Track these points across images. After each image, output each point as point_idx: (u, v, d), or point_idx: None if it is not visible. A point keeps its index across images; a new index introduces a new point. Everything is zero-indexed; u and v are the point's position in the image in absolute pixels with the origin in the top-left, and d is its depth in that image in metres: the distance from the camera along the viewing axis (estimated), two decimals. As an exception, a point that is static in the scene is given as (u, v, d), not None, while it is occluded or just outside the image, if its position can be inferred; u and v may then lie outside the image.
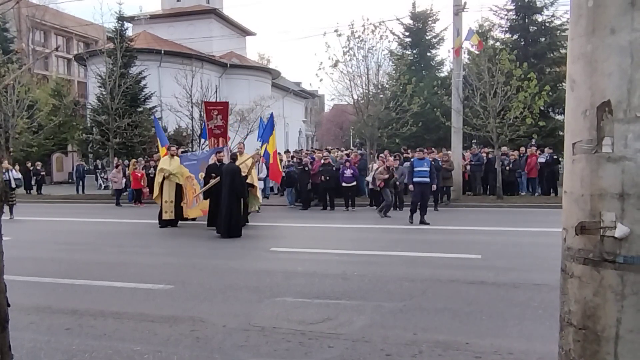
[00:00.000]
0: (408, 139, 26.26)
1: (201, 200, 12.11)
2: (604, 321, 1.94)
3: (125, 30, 28.63)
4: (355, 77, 20.14)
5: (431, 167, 12.29)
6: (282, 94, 44.99)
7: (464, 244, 9.16)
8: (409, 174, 12.44)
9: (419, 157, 12.53)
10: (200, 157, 12.51)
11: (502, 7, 28.00)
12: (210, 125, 13.22)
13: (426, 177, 11.98)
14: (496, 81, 17.06)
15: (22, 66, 25.47)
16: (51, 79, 39.11)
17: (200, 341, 4.40)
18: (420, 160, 12.27)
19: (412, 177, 12.16)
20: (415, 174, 12.04)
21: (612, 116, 1.90)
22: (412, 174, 12.13)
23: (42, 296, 6.04)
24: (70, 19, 49.87)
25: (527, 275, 6.54)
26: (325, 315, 5.03)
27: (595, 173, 1.96)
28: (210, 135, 13.32)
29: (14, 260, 6.59)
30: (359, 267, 7.35)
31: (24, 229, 11.96)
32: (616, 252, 1.91)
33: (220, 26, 39.50)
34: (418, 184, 11.98)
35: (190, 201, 12.30)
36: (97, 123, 25.20)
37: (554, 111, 26.23)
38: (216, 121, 13.13)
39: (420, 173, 12.01)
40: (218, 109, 13.45)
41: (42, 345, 4.34)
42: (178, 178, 12.12)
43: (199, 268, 7.70)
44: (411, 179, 12.20)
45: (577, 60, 2.05)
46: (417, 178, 12.01)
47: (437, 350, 4.09)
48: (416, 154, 13.35)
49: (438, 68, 33.65)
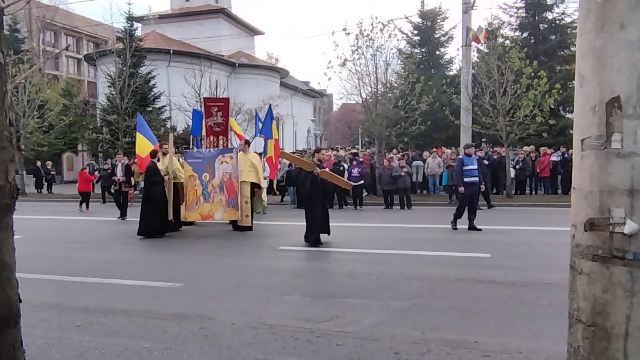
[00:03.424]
0: (417, 138, 26.18)
1: (202, 203, 11.12)
2: (613, 318, 1.93)
3: (134, 30, 28.86)
4: (364, 75, 20.09)
5: (480, 164, 10.89)
6: (291, 93, 45.08)
7: (472, 243, 9.12)
8: (458, 174, 10.83)
9: (468, 153, 10.97)
10: (207, 155, 11.32)
11: (511, 5, 27.83)
12: (210, 122, 12.32)
13: (476, 177, 10.61)
14: (506, 79, 16.95)
15: (33, 66, 25.68)
16: (61, 79, 39.41)
17: (209, 339, 4.42)
18: (470, 157, 10.84)
19: (461, 177, 10.62)
20: (466, 173, 10.56)
21: (622, 112, 1.89)
22: (462, 174, 10.61)
23: (52, 293, 6.09)
24: (80, 19, 50.22)
25: (536, 275, 6.50)
26: (334, 314, 5.03)
27: (605, 169, 1.95)
28: (210, 133, 12.37)
29: (25, 258, 6.66)
30: (367, 265, 7.34)
31: (34, 227, 12.06)
32: (625, 249, 1.90)
33: (229, 25, 39.67)
34: (469, 184, 10.53)
35: (190, 203, 11.20)
36: (107, 122, 25.40)
37: (564, 109, 26.00)
38: (216, 118, 12.28)
39: (471, 172, 10.58)
40: (218, 105, 12.59)
41: (53, 342, 4.39)
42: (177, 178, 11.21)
43: (207, 266, 7.75)
44: (460, 179, 10.64)
45: (586, 56, 2.03)
46: (467, 178, 10.53)
47: (445, 349, 4.08)
48: (465, 150, 11.61)
49: (447, 66, 33.48)
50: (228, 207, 11.02)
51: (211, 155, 11.28)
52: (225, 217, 11.26)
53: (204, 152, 11.53)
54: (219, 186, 11.10)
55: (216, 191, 11.09)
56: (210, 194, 11.12)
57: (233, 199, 11.01)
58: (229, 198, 11.03)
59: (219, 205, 11.07)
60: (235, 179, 11.03)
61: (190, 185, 11.22)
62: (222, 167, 11.14)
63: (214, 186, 11.12)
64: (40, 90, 24.58)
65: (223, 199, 11.04)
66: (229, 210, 11.04)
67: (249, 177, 11.21)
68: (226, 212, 11.07)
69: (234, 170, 11.07)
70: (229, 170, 11.09)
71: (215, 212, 11.11)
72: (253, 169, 11.32)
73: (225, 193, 11.06)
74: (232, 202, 11.01)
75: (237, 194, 10.97)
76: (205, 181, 11.15)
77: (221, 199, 11.05)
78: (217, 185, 11.10)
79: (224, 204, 11.04)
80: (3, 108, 2.28)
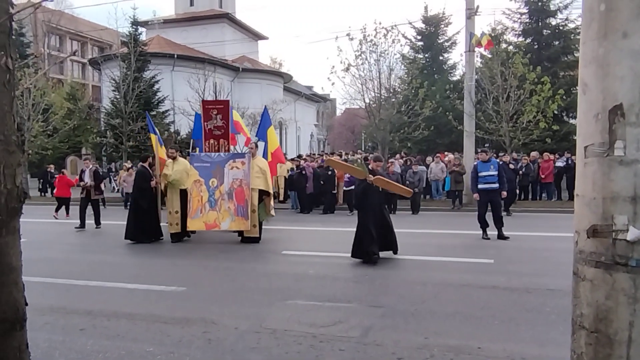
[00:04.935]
0: (420, 143, 26.19)
1: (207, 211, 10.20)
2: (616, 324, 1.94)
3: (139, 34, 29.03)
4: (367, 80, 20.19)
5: (499, 169, 10.34)
6: (294, 98, 45.19)
7: (476, 249, 9.11)
8: (472, 180, 10.64)
9: (483, 159, 10.49)
10: (216, 159, 10.49)
11: (515, 11, 27.85)
12: (209, 125, 11.75)
13: (493, 183, 10.14)
14: (509, 85, 16.98)
15: (38, 70, 25.84)
16: (66, 83, 39.66)
17: (212, 343, 4.43)
18: (485, 163, 10.33)
19: (476, 184, 10.37)
20: (480, 180, 10.24)
21: (624, 119, 1.90)
22: (476, 180, 10.34)
23: (56, 297, 6.12)
24: (85, 23, 50.53)
25: (540, 280, 6.49)
26: (337, 318, 5.03)
27: (607, 176, 1.96)
28: (209, 136, 11.77)
29: (29, 261, 6.67)
30: (370, 270, 7.34)
31: (38, 230, 12.10)
32: (628, 256, 1.91)
33: (233, 30, 39.86)
34: (483, 191, 10.19)
35: (194, 210, 10.23)
36: (111, 126, 25.53)
37: (567, 115, 26.00)
38: (216, 121, 11.69)
39: (485, 179, 10.19)
40: (218, 108, 11.98)
41: (57, 345, 4.41)
42: (181, 184, 10.51)
43: (210, 270, 7.77)
44: (475, 186, 10.40)
45: (589, 63, 2.05)
46: (482, 185, 10.21)
47: (448, 355, 4.07)
48: (479, 155, 11.13)
49: (450, 72, 33.53)
50: (237, 216, 10.16)
51: (221, 160, 10.49)
52: (233, 227, 10.34)
53: (212, 156, 10.69)
54: (228, 193, 10.24)
55: (224, 198, 10.21)
56: (217, 201, 10.23)
57: (243, 208, 10.15)
58: (238, 206, 10.18)
59: (227, 214, 10.17)
60: (247, 186, 10.21)
61: (195, 191, 10.33)
62: (232, 173, 10.35)
63: (222, 193, 10.25)
64: (45, 94, 24.72)
65: (232, 207, 10.17)
66: (238, 220, 10.15)
67: (256, 184, 10.35)
68: (234, 222, 10.18)
69: (245, 177, 10.26)
70: (240, 177, 10.29)
71: (222, 221, 10.20)
72: (261, 175, 10.44)
73: (235, 201, 10.20)
74: (242, 211, 10.15)
75: (247, 202, 10.14)
76: (213, 187, 10.29)
77: (229, 207, 10.18)
78: (226, 192, 10.24)
79: (233, 213, 10.17)
80: (11, 113, 2.31)
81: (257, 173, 10.33)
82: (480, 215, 10.23)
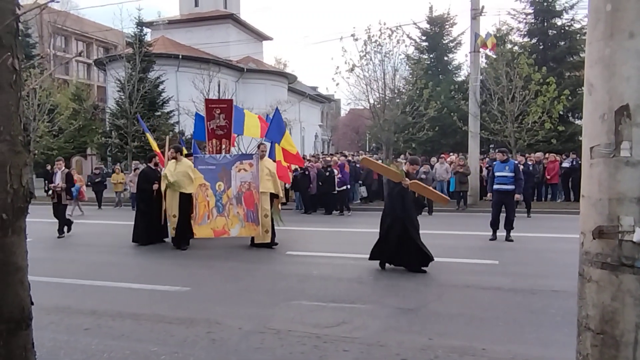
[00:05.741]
0: (424, 144, 26.16)
1: (214, 217, 9.58)
2: (622, 326, 1.93)
3: (144, 35, 29.12)
4: (372, 81, 20.18)
5: (516, 171, 10.11)
6: (299, 99, 45.19)
7: (480, 250, 9.09)
8: (490, 180, 10.62)
9: (501, 159, 10.29)
10: (222, 161, 9.81)
11: (520, 11, 27.81)
12: (212, 125, 11.35)
13: (508, 185, 9.98)
14: (514, 85, 16.94)
15: (44, 71, 25.97)
16: (71, 83, 39.80)
17: (216, 343, 4.44)
18: (502, 163, 10.16)
19: (492, 184, 10.32)
20: (496, 180, 10.14)
21: (631, 120, 1.89)
22: (493, 180, 10.28)
23: (61, 296, 6.14)
24: (91, 24, 50.69)
25: (544, 282, 6.47)
26: (341, 319, 5.03)
27: (614, 177, 1.95)
28: (212, 136, 11.39)
29: (34, 261, 6.69)
30: (374, 271, 7.34)
31: (44, 230, 12.15)
32: (635, 257, 1.90)
33: (238, 31, 39.91)
34: (497, 192, 10.08)
35: (200, 216, 9.60)
36: (116, 127, 25.64)
37: (573, 116, 25.91)
38: (219, 121, 11.34)
39: (499, 179, 10.06)
40: (221, 107, 11.61)
41: (62, 345, 4.42)
42: (181, 187, 9.69)
43: (215, 270, 7.78)
44: (491, 186, 10.38)
45: (595, 64, 2.04)
46: (496, 185, 10.12)
47: (453, 356, 4.07)
48: (497, 155, 10.94)
49: (455, 72, 33.50)
50: (247, 221, 9.57)
51: (227, 162, 9.80)
52: (243, 234, 9.72)
53: (218, 158, 9.99)
54: (236, 197, 9.60)
55: (232, 203, 9.58)
56: (225, 206, 9.60)
57: (253, 213, 9.57)
58: (247, 211, 9.58)
59: (236, 220, 9.57)
60: (256, 189, 9.59)
61: (200, 196, 9.65)
62: (239, 176, 9.67)
63: (230, 197, 9.61)
64: (51, 94, 24.86)
65: (241, 212, 9.57)
66: (248, 226, 9.58)
67: (266, 187, 9.74)
68: (244, 228, 9.60)
69: (254, 180, 9.62)
70: (248, 180, 9.64)
71: (231, 227, 9.58)
72: (270, 177, 9.85)
73: (244, 205, 9.59)
74: (252, 216, 9.58)
75: (257, 207, 9.54)
76: (219, 191, 9.62)
77: (238, 212, 9.57)
78: (234, 196, 9.60)
79: (242, 218, 9.58)
80: (18, 113, 2.32)
81: (266, 176, 9.78)
82: (492, 215, 10.16)
